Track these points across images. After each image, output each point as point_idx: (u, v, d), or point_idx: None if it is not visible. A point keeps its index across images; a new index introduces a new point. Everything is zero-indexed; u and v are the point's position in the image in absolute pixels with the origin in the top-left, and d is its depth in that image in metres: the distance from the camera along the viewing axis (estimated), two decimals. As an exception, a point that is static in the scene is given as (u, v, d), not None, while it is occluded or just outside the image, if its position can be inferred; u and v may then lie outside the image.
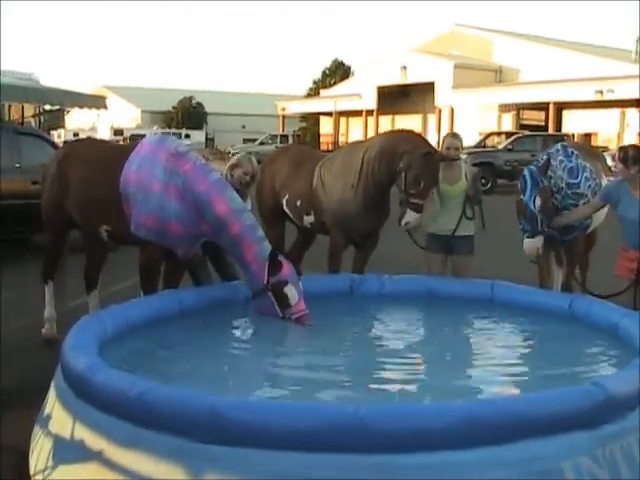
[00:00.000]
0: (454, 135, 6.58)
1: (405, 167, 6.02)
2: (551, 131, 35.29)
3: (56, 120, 49.27)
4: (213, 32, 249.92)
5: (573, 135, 35.34)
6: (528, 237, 6.03)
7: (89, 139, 7.90)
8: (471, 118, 41.90)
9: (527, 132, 31.31)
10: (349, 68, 65.24)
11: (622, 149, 5.97)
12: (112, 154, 5.99)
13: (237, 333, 5.41)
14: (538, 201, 5.96)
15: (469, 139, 28.10)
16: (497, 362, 4.69)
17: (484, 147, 28.06)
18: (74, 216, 6.10)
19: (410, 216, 6.00)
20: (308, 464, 3.00)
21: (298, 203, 7.04)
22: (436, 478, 2.97)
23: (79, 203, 5.98)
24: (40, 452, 3.81)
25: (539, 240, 6.00)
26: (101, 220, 5.88)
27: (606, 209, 6.75)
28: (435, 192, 6.22)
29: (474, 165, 8.32)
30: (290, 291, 5.16)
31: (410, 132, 6.59)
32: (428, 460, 2.99)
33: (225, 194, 5.36)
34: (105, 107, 17.40)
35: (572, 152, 6.56)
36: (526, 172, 6.08)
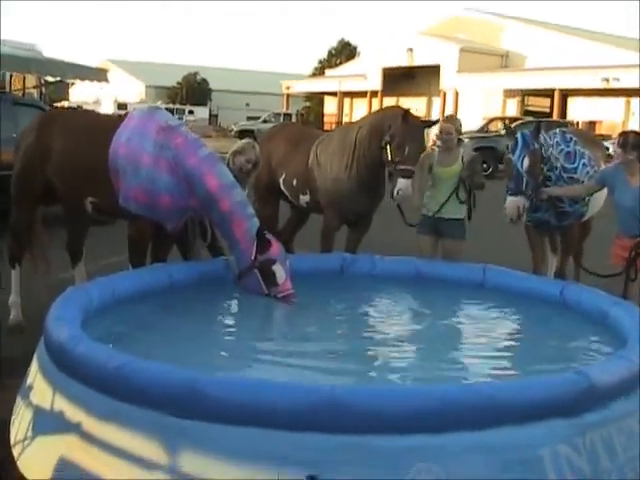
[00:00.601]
0: (448, 119, 6.55)
1: (389, 138, 5.97)
2: (556, 118, 35.10)
3: (61, 92, 48.93)
4: (220, 8, 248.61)
5: (577, 123, 35.09)
6: (511, 195, 5.95)
7: (70, 108, 7.76)
8: (476, 102, 41.63)
9: (530, 118, 31.12)
10: (355, 48, 64.79)
11: (622, 134, 5.95)
12: (100, 124, 5.87)
13: (223, 309, 5.38)
14: (526, 162, 5.90)
15: (473, 123, 27.98)
16: (483, 347, 4.67)
17: (487, 132, 27.91)
18: (56, 187, 5.88)
19: (401, 183, 5.86)
20: (284, 443, 2.99)
21: (294, 182, 7.00)
22: (412, 461, 2.95)
23: (63, 173, 5.77)
24: (20, 422, 3.81)
25: (521, 199, 5.90)
26: (87, 192, 5.73)
27: (604, 197, 6.72)
28: (430, 174, 6.19)
29: (475, 150, 8.25)
30: (278, 270, 5.14)
31: (398, 107, 6.47)
32: (404, 442, 2.97)
33: (216, 169, 5.30)
34: (106, 80, 17.27)
35: (570, 138, 6.52)
36: (519, 135, 6.04)
